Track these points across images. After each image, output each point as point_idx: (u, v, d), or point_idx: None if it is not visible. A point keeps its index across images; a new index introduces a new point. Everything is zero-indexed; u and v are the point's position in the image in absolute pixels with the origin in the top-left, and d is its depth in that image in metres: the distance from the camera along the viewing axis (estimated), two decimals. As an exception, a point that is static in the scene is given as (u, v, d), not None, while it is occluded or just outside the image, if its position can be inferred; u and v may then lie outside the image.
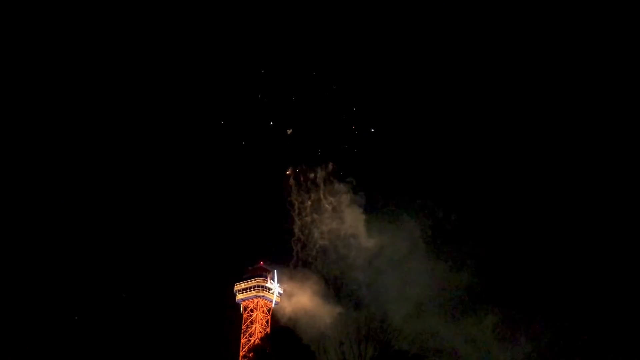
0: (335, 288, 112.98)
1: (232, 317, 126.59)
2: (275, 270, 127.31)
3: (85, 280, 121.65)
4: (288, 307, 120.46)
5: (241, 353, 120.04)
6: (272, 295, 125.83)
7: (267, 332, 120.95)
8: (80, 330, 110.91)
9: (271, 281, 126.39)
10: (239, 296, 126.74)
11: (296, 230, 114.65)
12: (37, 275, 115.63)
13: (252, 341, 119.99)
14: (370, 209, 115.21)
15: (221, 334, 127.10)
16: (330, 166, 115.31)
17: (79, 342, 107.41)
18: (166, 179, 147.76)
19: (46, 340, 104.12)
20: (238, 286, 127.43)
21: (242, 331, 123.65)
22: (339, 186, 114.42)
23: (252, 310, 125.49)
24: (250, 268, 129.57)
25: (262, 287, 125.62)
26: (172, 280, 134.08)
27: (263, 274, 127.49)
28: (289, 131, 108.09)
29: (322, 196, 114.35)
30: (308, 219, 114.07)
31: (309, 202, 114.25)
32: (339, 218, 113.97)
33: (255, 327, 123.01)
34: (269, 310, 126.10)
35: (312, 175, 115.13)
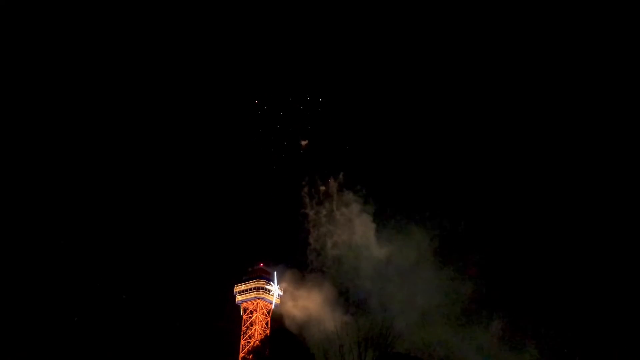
0: (345, 296, 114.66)
1: (232, 318, 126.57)
2: (275, 272, 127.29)
3: (85, 281, 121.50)
4: (298, 314, 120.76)
5: (240, 355, 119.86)
6: (272, 297, 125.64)
7: (266, 334, 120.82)
8: (80, 331, 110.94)
9: (271, 283, 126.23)
10: (239, 298, 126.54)
11: (311, 241, 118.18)
12: (37, 276, 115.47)
13: (252, 343, 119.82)
14: (379, 218, 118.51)
15: (221, 336, 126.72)
16: (341, 176, 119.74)
17: (79, 343, 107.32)
18: (171, 181, 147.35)
19: (46, 341, 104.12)
20: (238, 288, 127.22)
21: (242, 333, 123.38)
22: (349, 195, 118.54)
23: (251, 312, 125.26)
24: (250, 269, 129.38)
25: (262, 288, 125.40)
26: (173, 281, 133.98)
27: (263, 275, 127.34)
28: (304, 143, 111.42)
29: (334, 207, 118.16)
30: (323, 229, 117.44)
31: (323, 213, 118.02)
32: (350, 228, 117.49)
33: (255, 329, 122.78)
34: (268, 312, 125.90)
35: (323, 188, 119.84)
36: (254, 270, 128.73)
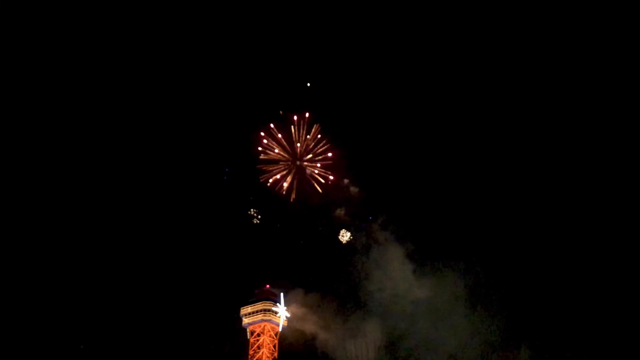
0: (383, 338, 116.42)
1: (239, 341, 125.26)
2: (282, 294, 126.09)
3: (90, 301, 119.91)
4: (310, 336, 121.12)
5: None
6: (279, 319, 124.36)
7: (274, 357, 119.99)
8: (86, 357, 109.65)
9: (278, 304, 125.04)
10: (245, 320, 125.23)
11: (360, 281, 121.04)
12: (42, 298, 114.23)
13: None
14: (416, 260, 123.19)
15: (228, 359, 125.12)
16: (380, 218, 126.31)
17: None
18: (183, 198, 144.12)
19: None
20: (244, 310, 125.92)
21: (250, 356, 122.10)
22: (388, 235, 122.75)
23: (259, 335, 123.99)
24: (256, 291, 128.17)
25: (269, 310, 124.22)
26: (178, 303, 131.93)
27: (269, 297, 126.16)
28: (347, 181, 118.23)
29: (375, 244, 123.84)
30: (369, 272, 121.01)
31: (364, 254, 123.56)
32: (390, 269, 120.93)
33: (263, 352, 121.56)
34: (276, 334, 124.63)
35: (355, 237, 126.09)
36: (261, 292, 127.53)
